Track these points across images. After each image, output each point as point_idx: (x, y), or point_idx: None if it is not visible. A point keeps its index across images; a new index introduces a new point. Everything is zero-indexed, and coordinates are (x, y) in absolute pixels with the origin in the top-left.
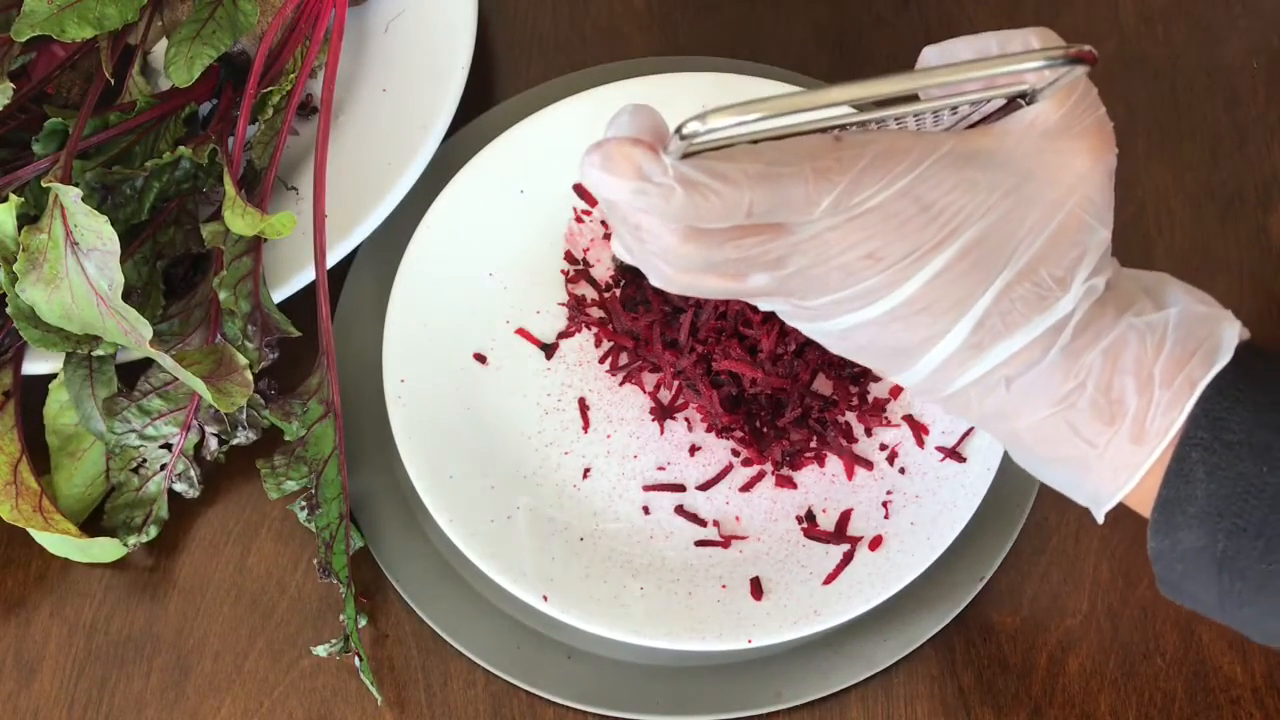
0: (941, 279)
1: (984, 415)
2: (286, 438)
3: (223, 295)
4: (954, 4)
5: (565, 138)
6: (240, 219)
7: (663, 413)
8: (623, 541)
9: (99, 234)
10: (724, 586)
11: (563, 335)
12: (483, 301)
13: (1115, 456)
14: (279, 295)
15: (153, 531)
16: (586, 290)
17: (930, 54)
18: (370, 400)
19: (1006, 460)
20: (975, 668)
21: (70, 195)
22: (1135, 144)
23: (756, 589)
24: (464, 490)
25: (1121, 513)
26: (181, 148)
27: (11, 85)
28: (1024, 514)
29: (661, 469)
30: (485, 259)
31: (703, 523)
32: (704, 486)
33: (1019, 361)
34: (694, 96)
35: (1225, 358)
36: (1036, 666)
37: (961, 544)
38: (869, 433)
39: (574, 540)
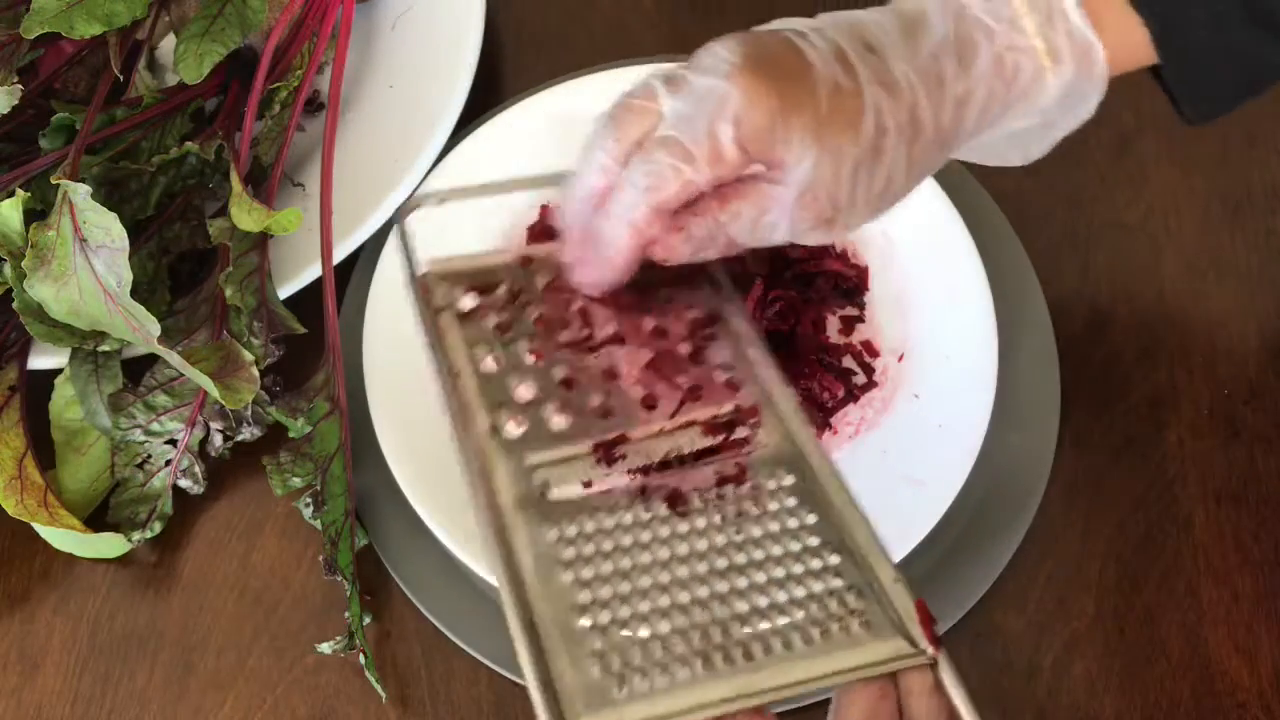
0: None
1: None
2: (292, 434)
3: (229, 291)
4: None
5: (528, 135)
6: (246, 215)
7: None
8: None
9: (108, 231)
10: None
11: None
12: None
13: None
14: (285, 291)
15: (157, 527)
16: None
17: None
18: None
19: (1008, 462)
20: (980, 670)
21: (79, 192)
22: (1143, 145)
23: None
24: (452, 490)
25: (1124, 515)
26: (188, 143)
27: (20, 86)
28: (1030, 517)
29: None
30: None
31: None
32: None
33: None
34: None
35: None
36: (1042, 669)
37: (967, 546)
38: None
39: None
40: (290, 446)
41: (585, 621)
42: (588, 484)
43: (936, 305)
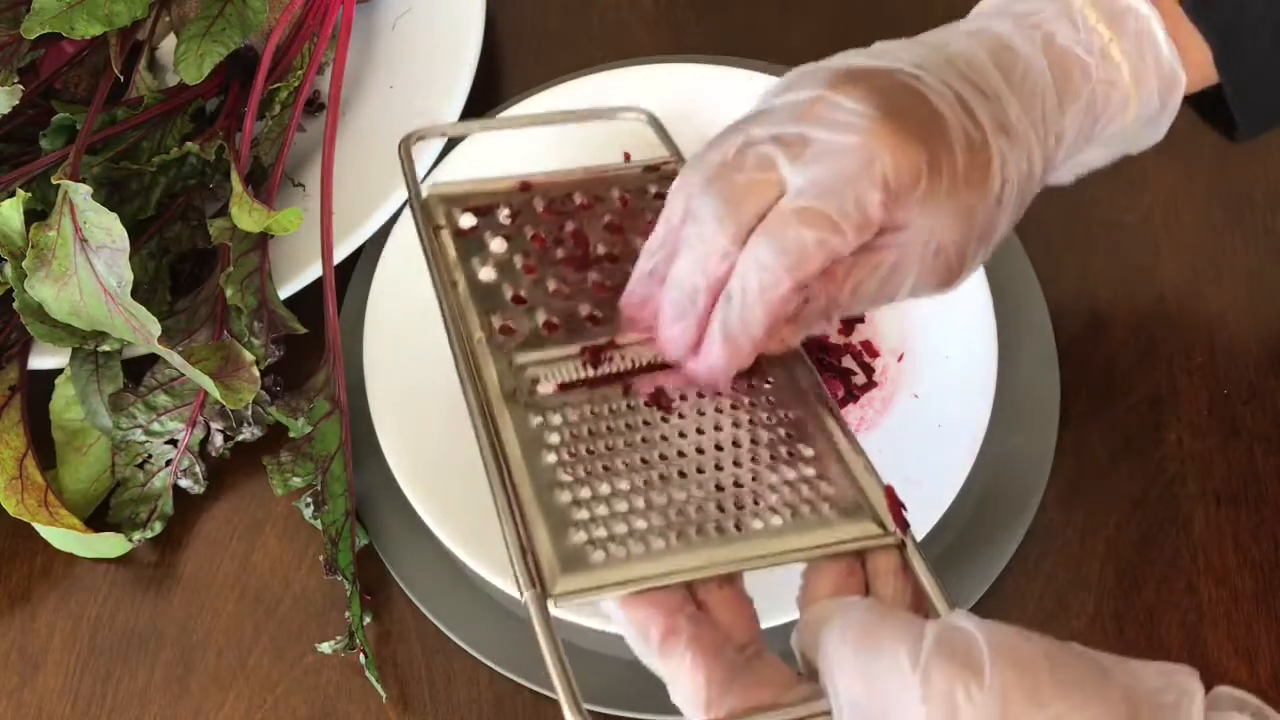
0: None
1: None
2: (292, 434)
3: (229, 291)
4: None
5: (528, 135)
6: (247, 215)
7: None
8: None
9: (109, 231)
10: None
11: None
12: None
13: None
14: (285, 291)
15: (157, 527)
16: None
17: None
18: None
19: (1008, 462)
20: None
21: (80, 192)
22: None
23: None
24: (453, 490)
25: (1124, 515)
26: (189, 143)
27: (21, 86)
28: (1030, 516)
29: None
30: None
31: None
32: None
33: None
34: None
35: None
36: None
37: (967, 546)
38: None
39: None
40: (291, 446)
41: (565, 496)
42: (575, 381)
43: (936, 305)
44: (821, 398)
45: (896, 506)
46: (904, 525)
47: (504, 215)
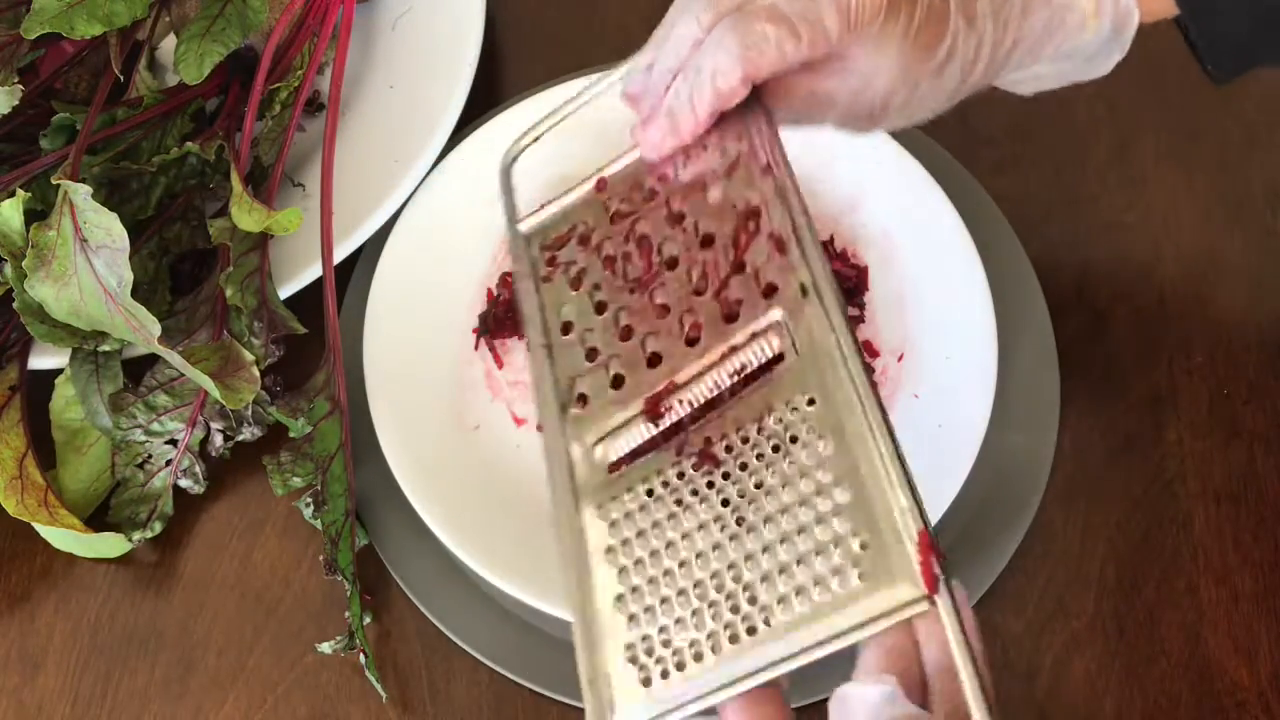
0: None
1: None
2: (292, 434)
3: (229, 291)
4: None
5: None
6: (247, 215)
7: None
8: None
9: (109, 231)
10: None
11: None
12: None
13: None
14: (285, 292)
15: (157, 527)
16: None
17: None
18: None
19: (1008, 462)
20: None
21: (80, 193)
22: (1143, 145)
23: None
24: (453, 490)
25: (1124, 515)
26: (189, 143)
27: (21, 87)
28: (1030, 516)
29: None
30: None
31: None
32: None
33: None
34: None
35: None
36: (1042, 669)
37: (967, 547)
38: None
39: None
40: (291, 446)
41: (626, 610)
42: (634, 453)
43: (936, 305)
44: (876, 419)
45: (929, 559)
46: (933, 585)
47: (575, 240)
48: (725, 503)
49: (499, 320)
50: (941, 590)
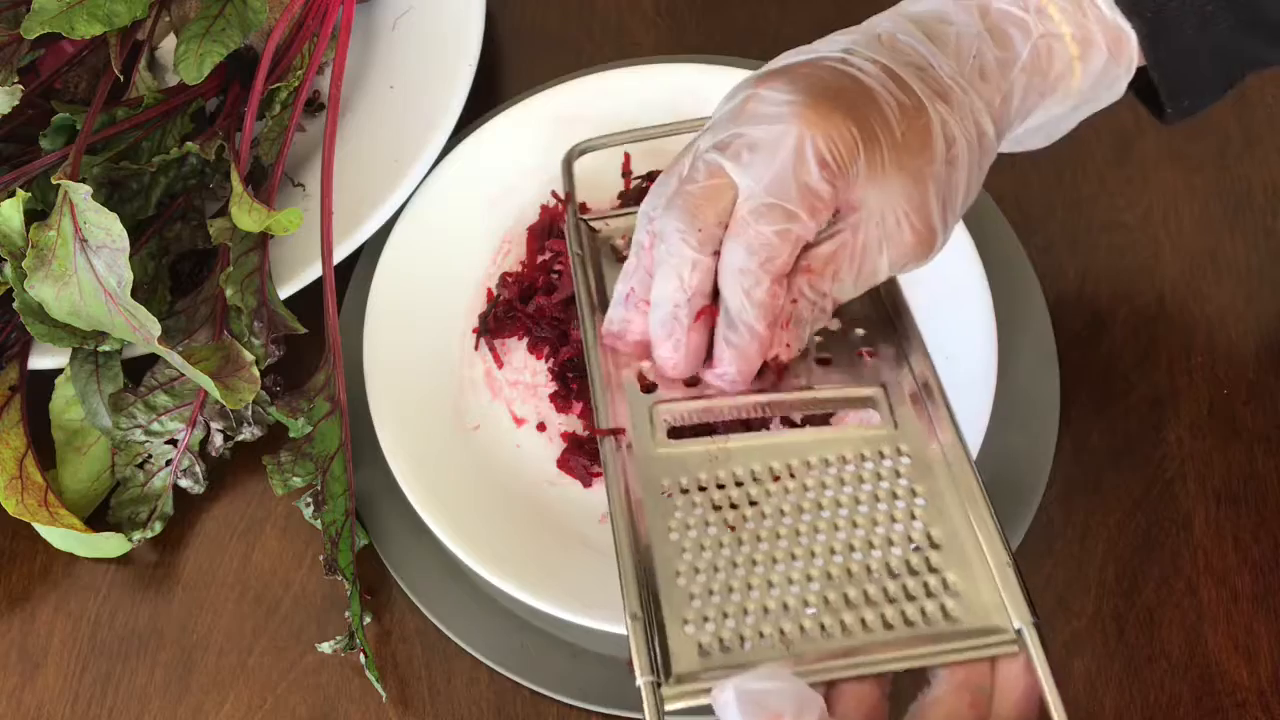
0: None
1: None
2: (292, 434)
3: (229, 291)
4: None
5: (528, 135)
6: (247, 215)
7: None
8: None
9: (108, 231)
10: None
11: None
12: (463, 305)
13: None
14: (285, 291)
15: (157, 527)
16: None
17: None
18: None
19: (1008, 462)
20: None
21: (80, 193)
22: (1143, 145)
23: None
24: (453, 490)
25: (1124, 515)
26: (189, 143)
27: (21, 87)
28: (1030, 516)
29: None
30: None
31: None
32: None
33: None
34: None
35: None
36: None
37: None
38: None
39: (572, 538)
40: (291, 446)
41: (690, 587)
42: (699, 429)
43: (936, 305)
44: (971, 481)
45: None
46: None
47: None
48: (803, 510)
49: (499, 320)
50: (1031, 633)
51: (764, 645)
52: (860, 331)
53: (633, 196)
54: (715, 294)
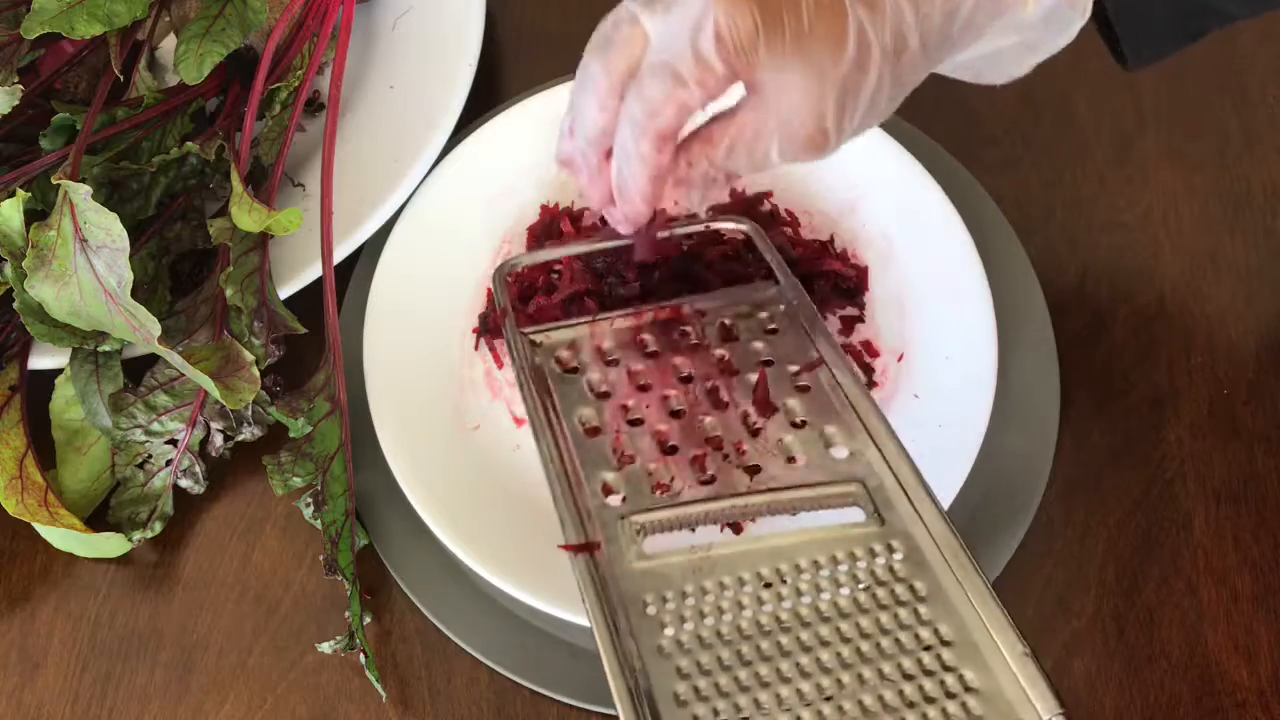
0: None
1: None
2: (292, 434)
3: (229, 291)
4: None
5: (528, 135)
6: (247, 215)
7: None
8: None
9: (108, 231)
10: None
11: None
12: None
13: None
14: (285, 292)
15: (158, 527)
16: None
17: None
18: None
19: (1008, 462)
20: None
21: (80, 193)
22: (1143, 144)
23: None
24: (453, 490)
25: (1124, 515)
26: (189, 143)
27: (21, 87)
28: (1029, 516)
29: None
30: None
31: None
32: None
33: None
34: None
35: None
36: None
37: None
38: None
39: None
40: (291, 446)
41: (687, 702)
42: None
43: (936, 305)
44: (972, 574)
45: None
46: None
47: (588, 352)
48: (800, 618)
49: (499, 320)
50: None
51: None
52: (831, 428)
53: (574, 308)
54: None
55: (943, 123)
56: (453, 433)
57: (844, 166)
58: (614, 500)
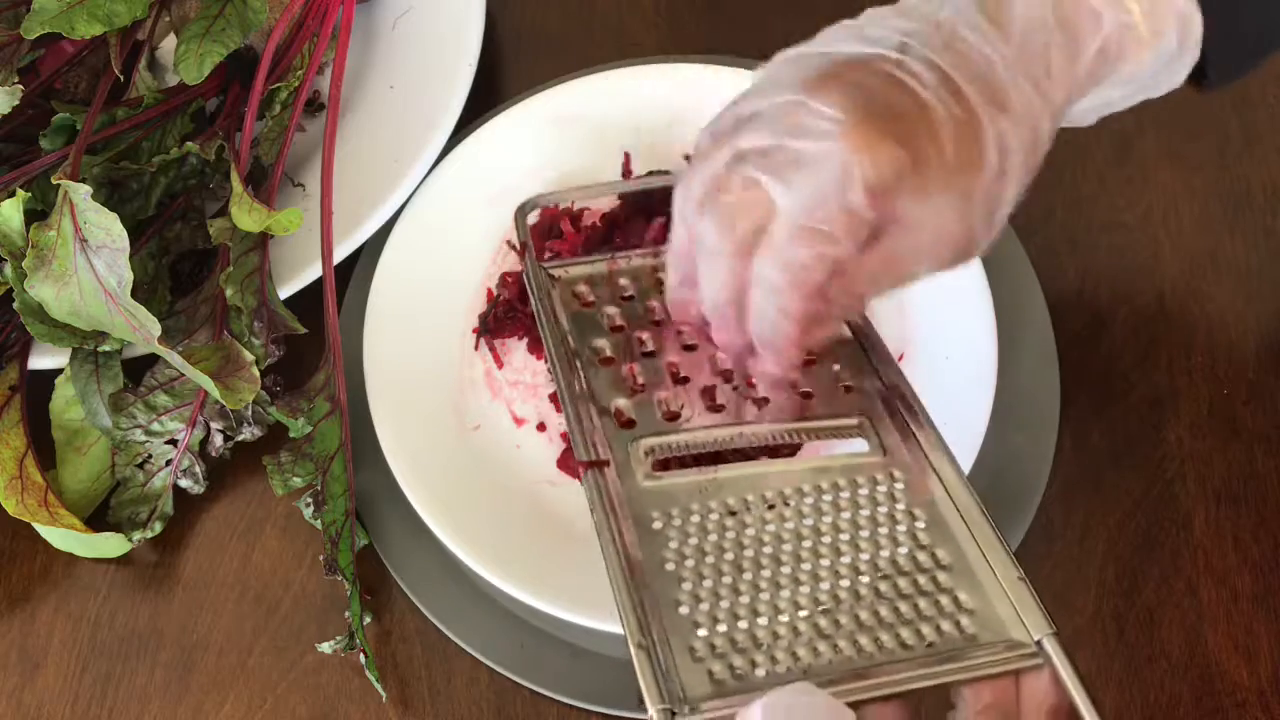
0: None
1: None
2: (292, 434)
3: (229, 291)
4: None
5: (528, 135)
6: (247, 215)
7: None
8: None
9: (108, 231)
10: None
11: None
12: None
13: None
14: (285, 292)
15: (157, 527)
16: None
17: None
18: None
19: (1008, 462)
20: None
21: (80, 193)
22: (1143, 144)
23: None
24: (453, 490)
25: (1124, 514)
26: (189, 143)
27: (21, 87)
28: (1029, 516)
29: None
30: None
31: None
32: None
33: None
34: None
35: None
36: None
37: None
38: None
39: (574, 537)
40: (291, 446)
41: (693, 610)
42: (686, 461)
43: (936, 305)
44: (969, 501)
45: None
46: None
47: (606, 290)
48: (803, 537)
49: (499, 320)
50: (1053, 643)
51: (779, 671)
52: (837, 366)
53: (595, 243)
54: None
55: None
56: (453, 433)
57: None
58: (625, 425)
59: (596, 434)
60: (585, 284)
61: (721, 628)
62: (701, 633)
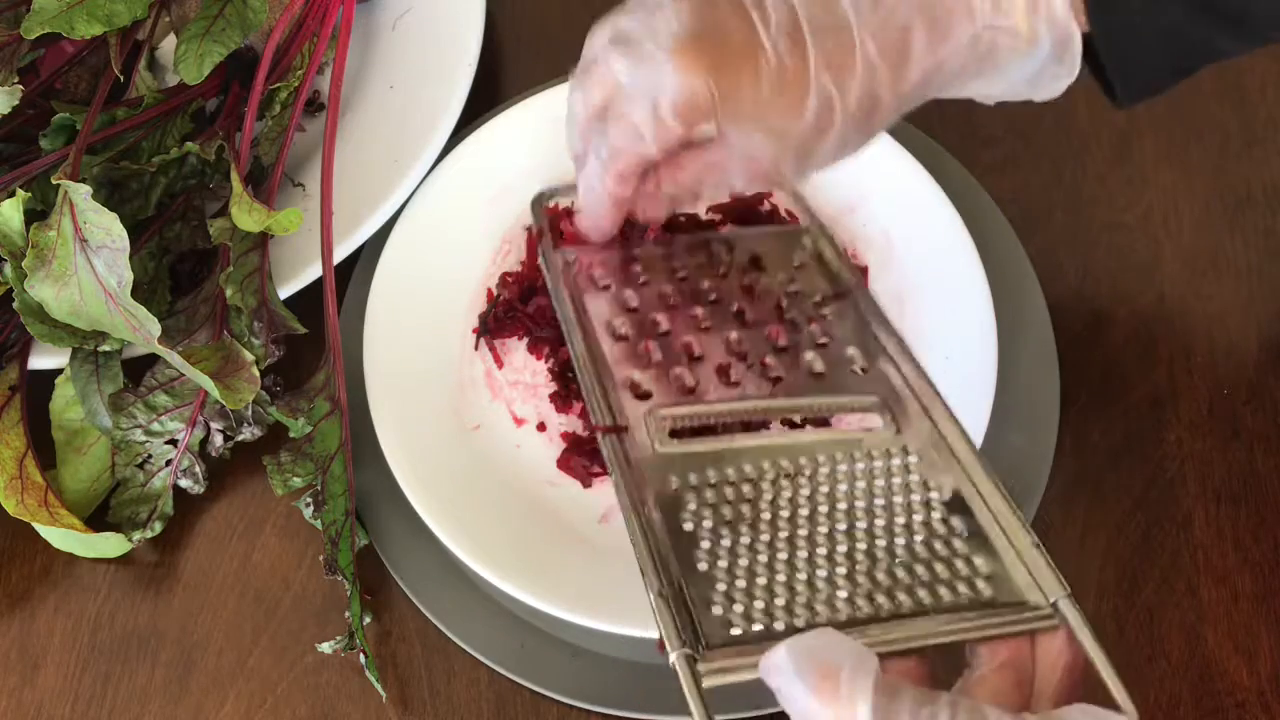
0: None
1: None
2: (292, 434)
3: (229, 291)
4: None
5: (528, 135)
6: (247, 215)
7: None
8: (623, 538)
9: (108, 231)
10: None
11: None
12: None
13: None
14: (285, 292)
15: (157, 527)
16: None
17: None
18: None
19: (1008, 462)
20: None
21: (80, 193)
22: (1143, 145)
23: None
24: (453, 490)
25: (1124, 514)
26: (189, 143)
27: (21, 87)
28: (1030, 516)
29: None
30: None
31: None
32: None
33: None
34: None
35: None
36: None
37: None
38: None
39: (574, 537)
40: (291, 446)
41: (713, 565)
42: (703, 429)
43: (936, 305)
44: (981, 474)
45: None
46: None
47: (619, 267)
48: (825, 500)
49: (499, 320)
50: (1069, 604)
51: (799, 625)
52: (851, 350)
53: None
54: None
55: (943, 123)
56: (453, 433)
57: (844, 166)
58: (641, 397)
59: (613, 399)
60: (600, 267)
61: (741, 583)
62: (720, 588)
